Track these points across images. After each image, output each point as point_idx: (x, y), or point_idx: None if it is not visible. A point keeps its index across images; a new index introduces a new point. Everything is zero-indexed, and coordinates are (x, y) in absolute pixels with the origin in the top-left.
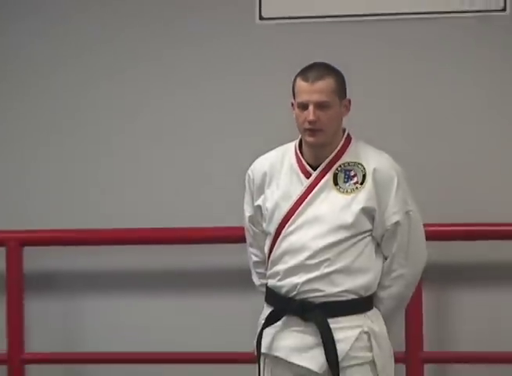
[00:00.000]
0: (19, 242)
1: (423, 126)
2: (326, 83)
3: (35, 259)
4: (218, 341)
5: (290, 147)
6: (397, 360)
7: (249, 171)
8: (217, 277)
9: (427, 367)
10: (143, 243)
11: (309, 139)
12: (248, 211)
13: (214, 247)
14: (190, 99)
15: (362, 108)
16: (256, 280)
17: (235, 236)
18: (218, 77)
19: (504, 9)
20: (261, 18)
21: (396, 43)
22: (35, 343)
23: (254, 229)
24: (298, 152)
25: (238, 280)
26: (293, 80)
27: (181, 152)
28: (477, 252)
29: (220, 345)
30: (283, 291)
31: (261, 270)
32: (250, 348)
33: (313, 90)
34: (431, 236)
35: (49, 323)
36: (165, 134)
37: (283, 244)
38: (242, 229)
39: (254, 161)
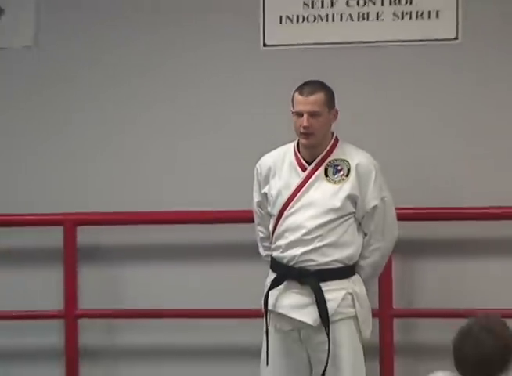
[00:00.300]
0: (73, 222)
1: (397, 132)
2: (318, 97)
3: (87, 235)
4: (232, 300)
5: (290, 147)
6: (372, 315)
7: (257, 166)
8: (230, 250)
9: (396, 321)
10: (172, 222)
11: (303, 140)
12: (256, 198)
13: (227, 226)
14: (206, 109)
15: (351, 117)
16: (262, 252)
17: (244, 218)
18: (228, 93)
19: (456, 38)
20: (264, 45)
21: (377, 65)
22: (86, 302)
23: (262, 211)
24: (296, 151)
25: (248, 252)
26: (292, 94)
27: (202, 153)
28: (436, 230)
29: (234, 304)
30: (285, 260)
31: (266, 244)
32: (259, 306)
33: (307, 102)
34: (401, 217)
35: (97, 286)
36: (187, 140)
37: (285, 223)
38: (247, 212)
39: (260, 158)
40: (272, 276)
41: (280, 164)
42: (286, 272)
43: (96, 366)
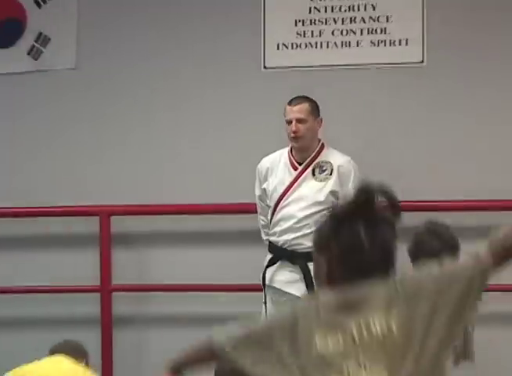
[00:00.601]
0: (108, 213)
1: (370, 138)
2: (303, 106)
3: (118, 223)
4: (237, 277)
5: (285, 151)
6: None
7: (258, 166)
8: (236, 236)
9: None
10: (189, 213)
11: (294, 143)
12: (258, 192)
13: (235, 216)
14: (216, 119)
15: (334, 125)
16: (263, 237)
17: (250, 210)
18: (234, 106)
19: (422, 62)
20: (265, 67)
21: (357, 84)
22: (118, 278)
23: (262, 203)
24: (290, 154)
25: (251, 238)
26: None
27: (211, 158)
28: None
29: (238, 280)
30: (279, 244)
31: (266, 230)
32: (258, 280)
33: (294, 111)
34: None
35: (127, 265)
36: (205, 145)
37: (279, 214)
38: (251, 204)
39: (260, 160)
40: (269, 256)
41: (276, 165)
42: (280, 254)
43: (127, 331)
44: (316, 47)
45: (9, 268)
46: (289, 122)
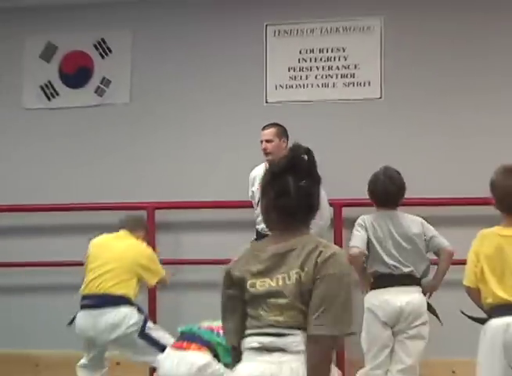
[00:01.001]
0: (153, 208)
1: (340, 153)
2: (271, 130)
3: (162, 215)
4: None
5: (264, 164)
6: None
7: (250, 175)
8: (236, 225)
9: None
10: (214, 207)
11: (265, 157)
12: (250, 193)
13: (239, 210)
14: (233, 143)
15: (315, 145)
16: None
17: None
18: (242, 135)
19: (381, 97)
20: (266, 102)
21: (334, 114)
22: (161, 254)
23: (253, 200)
24: (267, 165)
25: (248, 225)
26: None
27: (231, 168)
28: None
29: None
30: (259, 229)
31: None
32: None
33: (264, 134)
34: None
35: (168, 246)
36: (215, 161)
37: (258, 208)
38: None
39: (251, 171)
40: (254, 237)
41: (259, 173)
42: (260, 237)
43: (167, 293)
44: (304, 87)
45: (80, 249)
46: (261, 142)
